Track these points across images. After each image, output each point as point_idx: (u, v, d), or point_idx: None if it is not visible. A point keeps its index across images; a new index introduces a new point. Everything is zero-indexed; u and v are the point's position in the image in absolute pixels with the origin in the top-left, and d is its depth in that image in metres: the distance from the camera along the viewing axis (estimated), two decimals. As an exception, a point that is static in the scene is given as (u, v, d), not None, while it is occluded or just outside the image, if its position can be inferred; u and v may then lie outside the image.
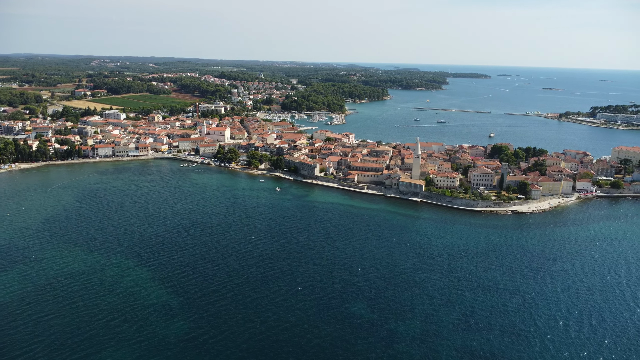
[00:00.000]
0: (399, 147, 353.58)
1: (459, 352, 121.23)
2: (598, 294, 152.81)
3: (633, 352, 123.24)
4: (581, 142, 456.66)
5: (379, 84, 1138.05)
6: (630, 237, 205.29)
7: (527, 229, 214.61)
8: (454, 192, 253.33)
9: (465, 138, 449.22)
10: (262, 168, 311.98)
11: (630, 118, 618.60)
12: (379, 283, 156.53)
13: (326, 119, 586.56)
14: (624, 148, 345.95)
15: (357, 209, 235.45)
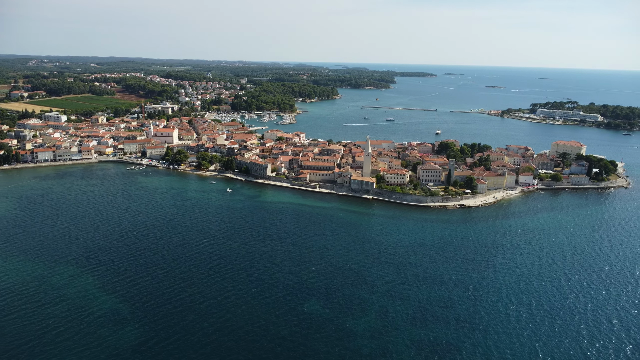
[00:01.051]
0: (350, 146, 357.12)
1: (408, 344, 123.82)
2: (537, 282, 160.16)
3: (568, 334, 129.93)
4: (523, 138, 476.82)
5: (329, 83, 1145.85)
6: (567, 228, 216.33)
7: (474, 222, 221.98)
8: (404, 188, 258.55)
9: (413, 135, 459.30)
10: (212, 169, 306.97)
11: (567, 114, 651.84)
12: (332, 280, 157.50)
13: (277, 119, 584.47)
14: (562, 142, 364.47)
15: (310, 208, 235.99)
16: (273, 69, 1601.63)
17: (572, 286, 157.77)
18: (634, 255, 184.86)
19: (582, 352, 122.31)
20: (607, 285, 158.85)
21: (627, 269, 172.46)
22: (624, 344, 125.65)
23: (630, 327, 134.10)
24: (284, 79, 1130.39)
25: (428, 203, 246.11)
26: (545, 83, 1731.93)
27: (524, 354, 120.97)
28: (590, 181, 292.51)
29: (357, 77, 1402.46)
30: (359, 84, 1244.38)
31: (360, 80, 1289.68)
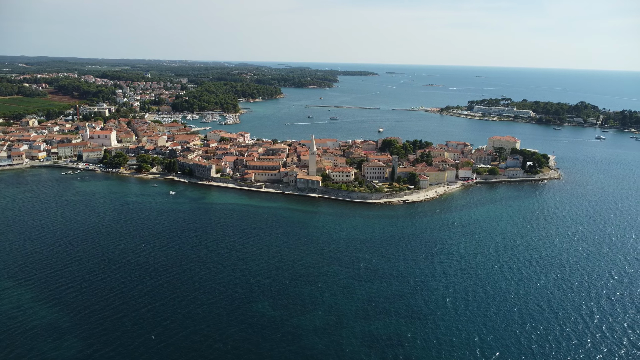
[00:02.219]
0: (295, 145, 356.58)
1: (359, 339, 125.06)
2: (480, 271, 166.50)
3: (502, 319, 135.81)
4: (461, 134, 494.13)
5: (272, 82, 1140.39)
6: (505, 218, 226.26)
7: (417, 216, 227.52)
8: (350, 186, 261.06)
9: (357, 133, 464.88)
10: (154, 172, 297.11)
11: (502, 110, 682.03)
12: (281, 280, 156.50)
13: (220, 119, 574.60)
14: (498, 138, 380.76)
15: (256, 208, 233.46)
16: (215, 69, 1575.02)
17: (507, 274, 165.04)
18: (563, 243, 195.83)
19: (515, 336, 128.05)
20: (539, 272, 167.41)
21: (556, 256, 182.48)
22: (553, 327, 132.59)
23: (559, 310, 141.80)
24: (226, 78, 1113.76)
25: (373, 200, 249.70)
26: (480, 81, 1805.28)
27: (461, 340, 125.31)
28: (524, 174, 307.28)
29: (301, 76, 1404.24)
30: (303, 83, 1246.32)
31: (304, 80, 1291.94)
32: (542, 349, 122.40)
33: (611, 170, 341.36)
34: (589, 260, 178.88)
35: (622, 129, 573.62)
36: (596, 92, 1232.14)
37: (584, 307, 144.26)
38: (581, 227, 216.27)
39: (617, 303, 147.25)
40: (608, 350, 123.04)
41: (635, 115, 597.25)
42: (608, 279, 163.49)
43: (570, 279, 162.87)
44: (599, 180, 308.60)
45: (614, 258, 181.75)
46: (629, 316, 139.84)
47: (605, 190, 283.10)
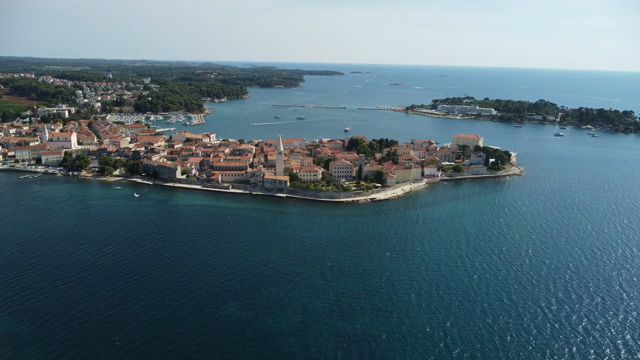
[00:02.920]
0: (262, 145, 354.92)
1: (326, 337, 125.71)
2: (444, 267, 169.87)
3: (472, 313, 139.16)
4: (426, 132, 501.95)
5: (238, 82, 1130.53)
6: (468, 214, 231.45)
7: (385, 214, 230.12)
8: (317, 185, 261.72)
9: (324, 133, 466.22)
10: (117, 174, 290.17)
11: (465, 109, 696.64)
12: (250, 281, 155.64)
13: (185, 120, 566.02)
14: (461, 136, 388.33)
15: (223, 209, 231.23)
16: (179, 68, 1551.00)
17: (469, 269, 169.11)
18: (524, 237, 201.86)
19: (478, 328, 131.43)
20: (503, 266, 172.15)
21: (517, 250, 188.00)
22: (514, 319, 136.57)
23: (519, 302, 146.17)
24: (190, 78, 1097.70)
25: (341, 198, 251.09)
26: (444, 80, 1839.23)
27: (426, 334, 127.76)
28: (487, 171, 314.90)
29: (267, 76, 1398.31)
30: (269, 82, 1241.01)
31: (270, 79, 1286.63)
32: (504, 341, 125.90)
33: (569, 166, 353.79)
34: (548, 253, 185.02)
35: (579, 126, 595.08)
36: (555, 91, 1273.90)
37: (542, 298, 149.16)
38: (541, 221, 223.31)
39: (574, 293, 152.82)
40: (565, 339, 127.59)
41: (591, 112, 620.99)
42: (565, 271, 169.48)
43: (530, 271, 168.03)
44: (558, 175, 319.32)
45: (572, 250, 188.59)
46: (585, 305, 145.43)
47: (564, 185, 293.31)
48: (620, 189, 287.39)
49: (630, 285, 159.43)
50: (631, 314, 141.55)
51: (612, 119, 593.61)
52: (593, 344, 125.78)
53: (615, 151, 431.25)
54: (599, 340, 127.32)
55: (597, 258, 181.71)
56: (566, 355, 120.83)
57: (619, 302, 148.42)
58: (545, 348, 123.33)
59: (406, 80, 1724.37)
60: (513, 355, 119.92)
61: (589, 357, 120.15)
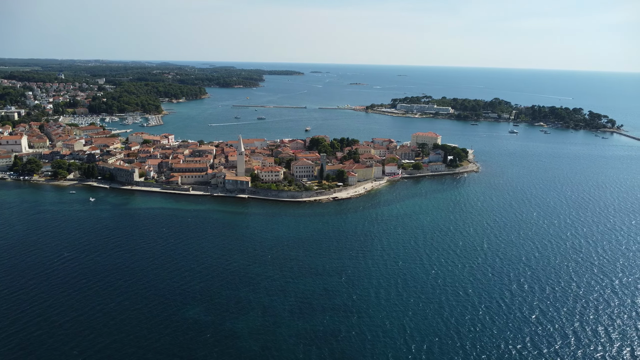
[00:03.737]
0: (222, 146, 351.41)
1: (293, 338, 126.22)
2: (403, 263, 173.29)
3: (431, 307, 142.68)
4: (386, 131, 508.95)
5: (196, 82, 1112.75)
6: (427, 211, 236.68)
7: (346, 213, 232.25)
8: (279, 185, 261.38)
9: (285, 133, 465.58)
10: (71, 178, 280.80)
11: (424, 107, 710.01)
12: (210, 283, 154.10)
13: (142, 121, 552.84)
14: (420, 134, 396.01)
15: (184, 212, 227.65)
16: (134, 68, 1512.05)
17: (432, 264, 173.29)
18: (480, 232, 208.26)
19: (438, 322, 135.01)
20: (459, 260, 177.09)
21: (476, 243, 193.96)
22: (471, 312, 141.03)
23: (476, 295, 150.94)
24: (147, 78, 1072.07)
25: (303, 198, 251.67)
26: (402, 79, 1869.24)
27: (393, 331, 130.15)
28: (446, 168, 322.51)
29: (226, 75, 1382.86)
30: (228, 82, 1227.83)
31: (229, 79, 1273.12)
32: (461, 333, 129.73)
33: (523, 161, 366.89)
34: (502, 247, 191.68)
35: (532, 123, 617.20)
36: (509, 89, 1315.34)
37: (497, 290, 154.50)
38: (496, 216, 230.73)
39: (527, 285, 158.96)
40: (518, 329, 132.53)
41: (543, 110, 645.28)
42: (519, 263, 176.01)
43: (486, 265, 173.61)
44: (513, 171, 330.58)
45: (525, 243, 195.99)
46: (537, 296, 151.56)
47: (518, 180, 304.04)
48: (570, 183, 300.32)
49: (579, 276, 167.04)
50: (580, 302, 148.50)
51: (563, 116, 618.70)
52: (544, 333, 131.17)
53: (566, 147, 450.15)
54: (549, 329, 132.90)
55: (549, 250, 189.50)
56: (520, 344, 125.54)
57: (569, 291, 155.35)
58: (500, 338, 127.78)
59: (366, 80, 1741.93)
60: (469, 347, 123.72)
61: (540, 346, 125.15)
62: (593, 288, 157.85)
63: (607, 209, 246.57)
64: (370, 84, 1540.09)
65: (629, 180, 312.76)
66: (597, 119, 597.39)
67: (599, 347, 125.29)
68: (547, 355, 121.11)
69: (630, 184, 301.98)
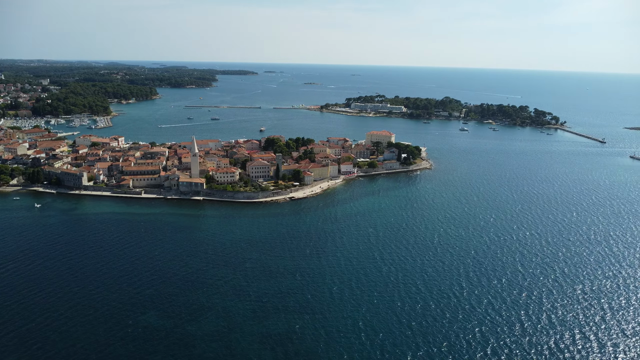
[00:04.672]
0: (175, 147, 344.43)
1: (250, 340, 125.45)
2: (360, 260, 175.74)
3: (384, 303, 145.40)
4: (341, 130, 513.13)
5: (147, 82, 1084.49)
6: (383, 209, 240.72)
7: (303, 213, 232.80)
8: (235, 186, 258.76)
9: (239, 133, 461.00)
10: (14, 184, 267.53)
11: (377, 106, 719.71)
12: (167, 288, 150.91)
13: (89, 123, 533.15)
14: (375, 133, 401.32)
15: (136, 216, 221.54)
16: (81, 68, 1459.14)
17: (385, 260, 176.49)
18: (433, 227, 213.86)
19: (396, 316, 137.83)
20: (414, 256, 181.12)
21: (428, 239, 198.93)
22: (429, 305, 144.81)
23: (432, 288, 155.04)
24: (94, 79, 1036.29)
25: (259, 199, 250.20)
26: (356, 79, 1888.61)
27: (347, 328, 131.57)
28: (400, 166, 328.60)
29: (177, 75, 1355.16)
30: (180, 83, 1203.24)
31: (181, 79, 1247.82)
32: (420, 326, 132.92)
33: (474, 158, 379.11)
34: (455, 241, 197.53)
35: (481, 121, 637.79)
36: (459, 88, 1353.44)
37: (449, 284, 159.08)
38: (447, 211, 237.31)
39: (476, 277, 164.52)
40: (468, 320, 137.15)
41: (492, 108, 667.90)
42: (469, 257, 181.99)
43: (441, 258, 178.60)
44: (464, 167, 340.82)
45: (475, 237, 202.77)
46: (487, 287, 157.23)
47: (469, 176, 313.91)
48: (517, 178, 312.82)
49: (525, 267, 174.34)
50: (526, 291, 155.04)
51: (510, 113, 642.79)
52: (492, 323, 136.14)
53: (514, 143, 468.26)
54: (497, 319, 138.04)
55: (497, 242, 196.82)
56: (469, 335, 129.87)
57: (515, 282, 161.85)
58: (451, 330, 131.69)
59: (320, 80, 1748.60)
60: (422, 340, 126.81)
61: (497, 335, 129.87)
62: (538, 278, 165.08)
63: (551, 202, 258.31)
64: (325, 83, 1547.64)
65: (571, 174, 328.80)
66: (542, 116, 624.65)
67: (543, 334, 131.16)
68: (495, 344, 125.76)
69: (572, 178, 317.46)
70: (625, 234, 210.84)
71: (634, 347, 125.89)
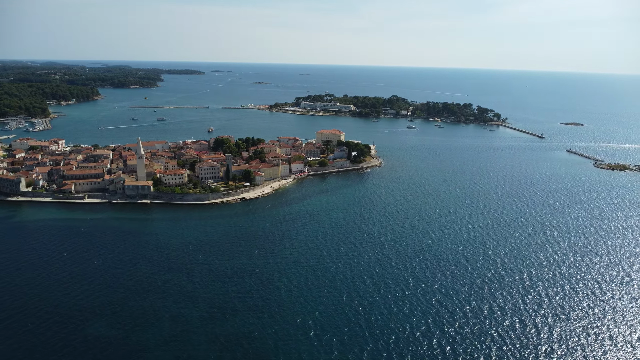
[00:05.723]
0: (119, 149, 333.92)
1: (205, 344, 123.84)
2: (311, 259, 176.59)
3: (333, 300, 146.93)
4: (291, 129, 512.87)
5: (88, 83, 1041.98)
6: (334, 207, 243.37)
7: (254, 213, 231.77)
8: (184, 188, 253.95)
9: (187, 134, 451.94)
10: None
11: (327, 105, 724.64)
12: (117, 295, 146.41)
13: (27, 125, 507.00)
14: (325, 131, 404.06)
15: (80, 222, 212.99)
16: (15, 68, 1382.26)
17: (339, 258, 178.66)
18: (383, 223, 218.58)
19: (345, 313, 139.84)
20: (362, 252, 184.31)
21: (377, 235, 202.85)
22: (377, 300, 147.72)
23: (380, 284, 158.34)
24: (30, 79, 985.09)
25: (210, 200, 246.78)
26: (305, 78, 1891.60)
27: (304, 326, 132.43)
28: (350, 164, 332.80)
29: (120, 75, 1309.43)
30: (123, 83, 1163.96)
31: (124, 79, 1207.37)
32: (370, 321, 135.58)
33: (421, 155, 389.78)
34: (403, 236, 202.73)
35: (428, 119, 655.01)
36: (407, 87, 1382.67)
37: (401, 277, 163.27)
38: (397, 207, 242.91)
39: (427, 270, 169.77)
40: (421, 312, 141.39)
41: (437, 106, 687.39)
42: (419, 250, 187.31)
43: (389, 254, 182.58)
44: (412, 164, 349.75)
45: (424, 231, 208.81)
46: (437, 280, 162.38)
47: (417, 172, 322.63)
48: (461, 173, 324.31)
49: (472, 258, 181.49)
50: (470, 282, 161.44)
51: (455, 111, 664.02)
52: (445, 314, 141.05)
53: (458, 140, 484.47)
54: (449, 310, 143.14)
55: (445, 236, 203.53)
56: (423, 326, 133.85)
57: (464, 273, 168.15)
58: (405, 323, 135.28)
59: (269, 79, 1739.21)
60: (378, 333, 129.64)
61: (442, 326, 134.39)
62: (481, 269, 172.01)
63: (493, 195, 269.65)
64: (273, 82, 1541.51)
65: (512, 169, 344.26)
66: (485, 113, 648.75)
67: (486, 323, 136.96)
68: (448, 334, 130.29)
69: (513, 172, 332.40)
70: (560, 224, 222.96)
71: (568, 331, 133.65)
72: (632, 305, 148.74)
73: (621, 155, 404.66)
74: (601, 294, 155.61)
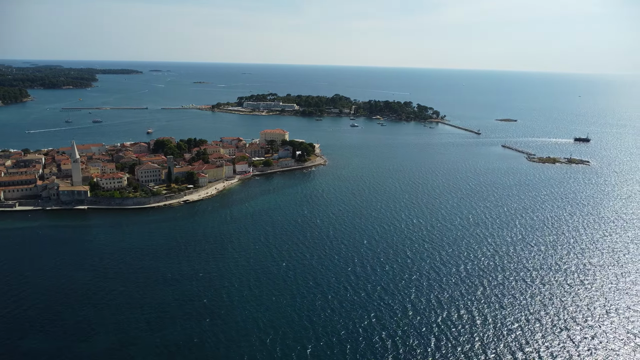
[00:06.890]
0: (52, 153, 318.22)
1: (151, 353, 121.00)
2: (254, 261, 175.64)
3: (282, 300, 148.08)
4: (234, 129, 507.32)
5: (15, 83, 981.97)
6: (278, 207, 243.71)
7: (199, 215, 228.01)
8: (123, 192, 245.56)
9: (125, 136, 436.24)
10: None
11: (270, 105, 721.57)
12: (53, 307, 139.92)
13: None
14: (268, 131, 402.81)
15: (9, 232, 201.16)
16: None
17: (283, 257, 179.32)
18: (327, 221, 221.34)
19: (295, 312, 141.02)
20: (305, 252, 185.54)
21: (320, 234, 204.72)
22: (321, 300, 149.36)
23: (324, 282, 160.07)
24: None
25: (151, 204, 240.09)
26: (247, 77, 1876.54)
27: (247, 328, 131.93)
28: (295, 163, 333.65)
29: (52, 75, 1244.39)
30: (55, 83, 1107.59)
31: (56, 80, 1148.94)
32: (313, 320, 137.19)
33: (365, 152, 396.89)
34: (347, 233, 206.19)
35: (370, 117, 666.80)
36: (349, 86, 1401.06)
37: (344, 274, 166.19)
38: (341, 205, 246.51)
39: (369, 265, 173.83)
40: (364, 308, 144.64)
41: (379, 104, 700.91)
42: (362, 247, 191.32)
43: (332, 253, 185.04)
44: (356, 162, 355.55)
45: (367, 228, 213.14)
46: (379, 275, 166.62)
47: (361, 170, 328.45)
48: (403, 170, 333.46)
49: (413, 252, 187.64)
50: (415, 275, 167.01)
51: (396, 109, 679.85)
52: (387, 308, 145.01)
53: (400, 137, 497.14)
54: (390, 304, 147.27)
55: (387, 233, 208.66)
56: (366, 321, 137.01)
57: (405, 267, 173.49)
58: (348, 319, 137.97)
59: (210, 78, 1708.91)
60: (321, 331, 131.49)
61: (383, 321, 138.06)
62: (425, 261, 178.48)
63: (434, 190, 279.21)
64: (215, 82, 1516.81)
65: (451, 164, 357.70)
66: (424, 111, 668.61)
67: (432, 313, 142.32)
68: (389, 327, 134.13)
69: (452, 167, 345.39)
70: (494, 216, 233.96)
71: (508, 318, 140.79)
72: (560, 291, 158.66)
73: (552, 149, 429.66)
74: (531, 281, 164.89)
